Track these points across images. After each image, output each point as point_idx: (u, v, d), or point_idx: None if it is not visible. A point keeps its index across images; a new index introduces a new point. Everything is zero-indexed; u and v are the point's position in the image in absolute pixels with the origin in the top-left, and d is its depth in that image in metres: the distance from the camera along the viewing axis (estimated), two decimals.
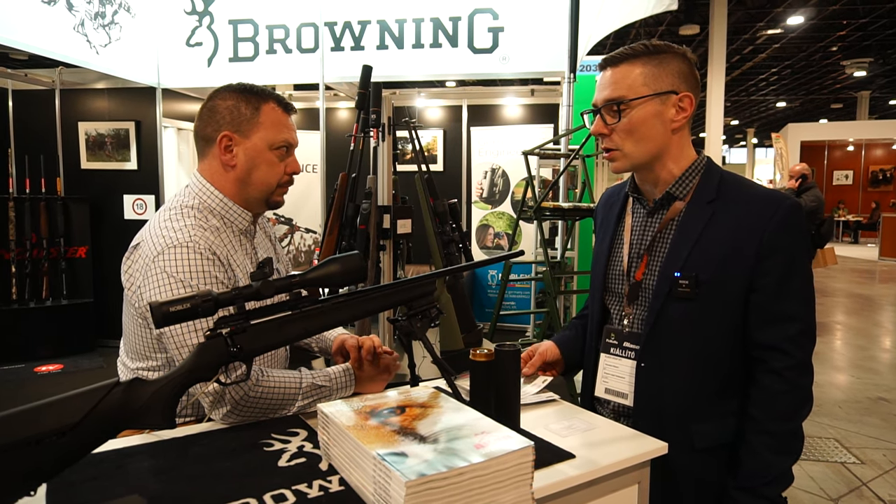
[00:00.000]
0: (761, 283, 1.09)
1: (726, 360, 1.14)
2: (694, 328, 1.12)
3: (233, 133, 1.26)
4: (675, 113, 1.14)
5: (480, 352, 1.11)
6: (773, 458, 1.08)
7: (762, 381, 1.10)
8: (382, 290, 1.11)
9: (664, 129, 1.14)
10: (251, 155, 1.26)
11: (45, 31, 3.77)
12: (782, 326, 1.09)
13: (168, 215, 1.24)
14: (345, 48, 4.50)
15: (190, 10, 4.63)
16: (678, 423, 1.12)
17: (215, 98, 1.29)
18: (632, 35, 12.21)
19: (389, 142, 2.65)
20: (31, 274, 4.84)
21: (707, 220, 1.12)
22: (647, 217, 1.22)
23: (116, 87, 5.02)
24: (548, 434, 1.06)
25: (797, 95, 19.55)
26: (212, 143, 1.27)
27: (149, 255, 1.19)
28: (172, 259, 1.16)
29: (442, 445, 0.81)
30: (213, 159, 1.28)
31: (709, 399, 1.14)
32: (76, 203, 4.98)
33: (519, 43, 4.24)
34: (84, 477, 0.90)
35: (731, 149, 32.52)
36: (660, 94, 1.12)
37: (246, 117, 1.26)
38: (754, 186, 1.17)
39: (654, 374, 1.16)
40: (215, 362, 0.95)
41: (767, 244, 1.08)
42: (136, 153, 5.03)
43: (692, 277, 1.10)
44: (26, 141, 5.06)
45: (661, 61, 1.13)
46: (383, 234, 2.56)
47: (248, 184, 1.28)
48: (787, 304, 1.09)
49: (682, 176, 1.17)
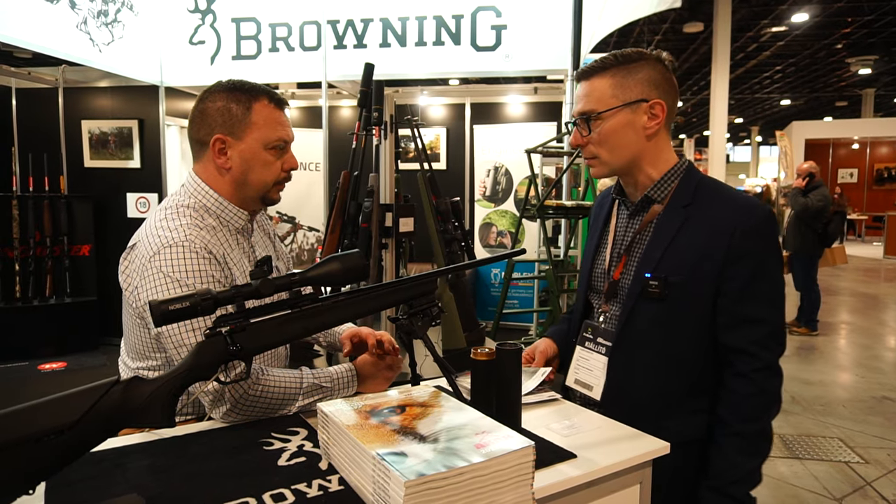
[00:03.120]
0: (728, 287, 1.12)
1: (695, 361, 1.16)
2: (663, 328, 1.16)
3: (225, 136, 1.23)
4: (647, 120, 1.16)
5: (482, 351, 1.10)
6: (740, 458, 1.11)
7: (730, 384, 1.14)
8: (383, 288, 1.10)
9: (637, 137, 1.17)
10: (246, 157, 1.24)
11: (48, 29, 3.77)
12: (749, 330, 1.12)
13: (164, 214, 1.23)
14: (347, 46, 4.49)
15: (193, 9, 4.63)
16: (646, 418, 1.11)
17: (205, 100, 1.26)
18: (635, 33, 12.18)
19: (392, 140, 2.64)
20: (35, 272, 4.86)
21: (681, 224, 1.16)
22: (629, 218, 1.26)
23: (119, 86, 5.02)
24: (549, 434, 1.06)
25: (801, 93, 19.48)
26: (205, 147, 1.25)
27: (145, 255, 1.18)
28: (169, 259, 1.15)
29: (442, 445, 0.80)
30: (207, 162, 1.26)
31: (677, 397, 1.17)
32: (79, 201, 4.99)
33: (522, 41, 4.23)
34: (83, 475, 0.90)
35: (735, 147, 32.42)
36: (629, 104, 1.15)
37: (238, 118, 1.23)
38: (729, 192, 1.19)
39: (623, 369, 1.19)
40: (215, 361, 0.95)
41: (735, 249, 1.11)
42: (139, 152, 5.04)
43: (662, 279, 1.14)
44: (30, 139, 5.08)
45: (629, 71, 1.15)
46: (385, 233, 2.56)
47: (244, 185, 1.26)
48: (754, 308, 1.12)
49: (660, 180, 1.20)
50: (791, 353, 5.30)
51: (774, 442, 3.45)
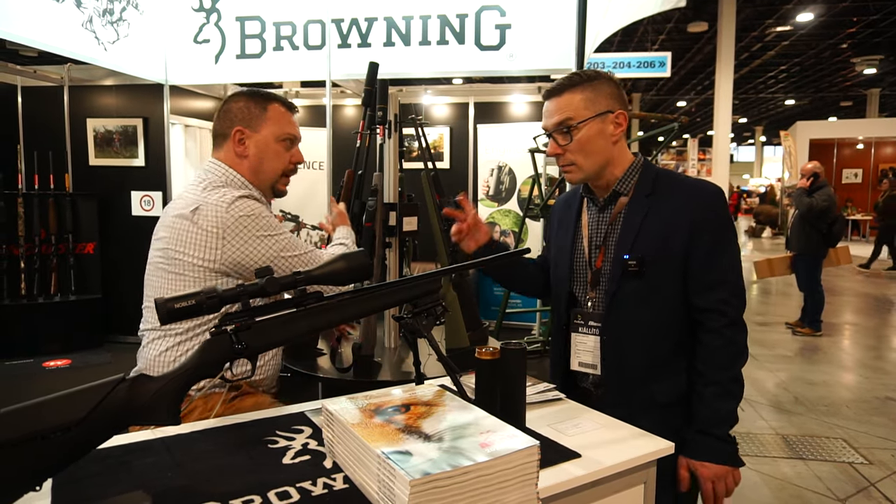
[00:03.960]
0: (694, 256, 1.29)
1: (674, 324, 1.33)
2: (644, 301, 1.32)
3: (244, 128, 1.44)
4: (613, 128, 1.34)
5: (486, 350, 1.10)
6: (718, 403, 1.27)
7: (703, 340, 1.30)
8: (388, 287, 1.10)
9: (606, 143, 1.34)
10: (261, 146, 1.44)
11: (54, 27, 3.78)
12: (714, 291, 1.29)
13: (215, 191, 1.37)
14: (351, 45, 4.49)
15: (197, 7, 4.63)
16: (641, 384, 1.32)
17: (229, 102, 1.47)
18: (639, 32, 12.16)
19: (396, 139, 2.64)
20: (40, 269, 4.87)
21: (646, 211, 1.33)
22: (599, 213, 1.42)
23: (124, 84, 5.03)
24: (553, 433, 1.06)
25: (806, 93, 19.42)
26: (226, 138, 1.44)
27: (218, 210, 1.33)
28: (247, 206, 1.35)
29: (447, 444, 0.80)
30: (228, 150, 1.45)
31: (664, 360, 1.33)
32: (84, 199, 5.00)
33: (526, 40, 4.22)
34: (89, 472, 0.90)
35: (739, 147, 32.33)
36: (599, 115, 1.32)
37: (255, 114, 1.44)
38: (684, 179, 1.39)
39: (614, 344, 1.35)
40: (220, 359, 0.95)
41: (696, 223, 1.29)
42: (143, 150, 5.04)
43: (638, 258, 1.30)
44: (35, 137, 5.09)
45: (595, 87, 1.32)
46: (389, 232, 2.56)
47: (259, 172, 1.45)
48: (717, 272, 1.29)
49: (623, 176, 1.37)
50: (795, 354, 5.29)
51: (778, 442, 3.42)
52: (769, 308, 7.02)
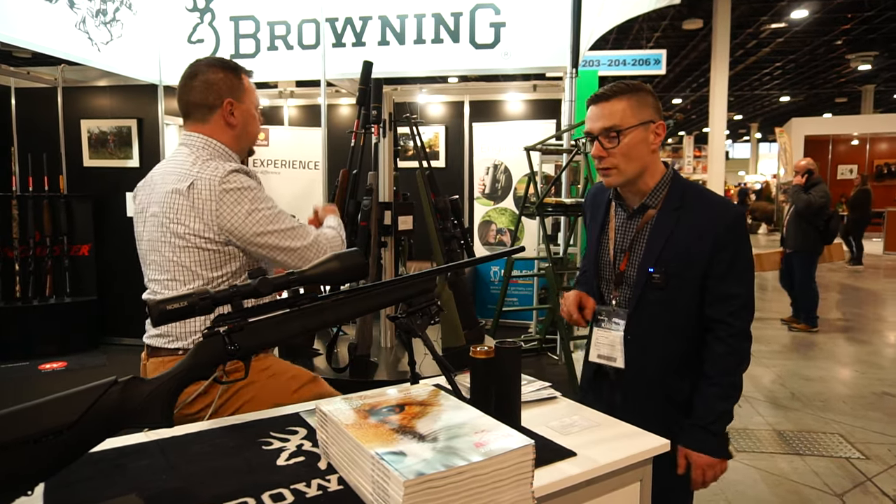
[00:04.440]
0: (713, 271, 1.38)
1: (690, 329, 1.44)
2: (666, 309, 1.43)
3: (233, 99, 1.52)
4: (653, 138, 1.41)
5: (481, 349, 1.10)
6: (717, 402, 1.40)
7: (711, 346, 1.41)
8: (382, 286, 1.10)
9: (647, 151, 1.41)
10: (246, 115, 1.55)
11: (47, 28, 3.76)
12: (726, 304, 1.39)
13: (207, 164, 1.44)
14: (346, 44, 4.48)
15: (191, 7, 4.62)
16: (659, 380, 1.44)
17: (205, 73, 1.50)
18: (634, 30, 12.17)
19: (390, 138, 2.64)
20: (35, 272, 4.85)
21: (674, 225, 1.41)
22: (627, 220, 1.50)
23: (118, 85, 5.00)
24: (548, 432, 1.06)
25: (801, 90, 19.45)
26: (215, 109, 1.51)
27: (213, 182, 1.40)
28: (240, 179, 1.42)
29: (441, 444, 0.80)
30: (216, 122, 1.52)
31: (678, 359, 1.44)
32: (79, 201, 4.98)
33: (521, 38, 4.22)
34: (81, 476, 0.90)
35: (735, 143, 32.38)
36: (643, 123, 1.39)
37: (237, 85, 1.53)
38: (711, 195, 1.46)
39: (636, 342, 1.46)
40: (213, 361, 0.95)
41: (719, 242, 1.37)
42: (138, 151, 5.02)
43: (663, 272, 1.40)
44: (29, 139, 5.07)
45: (640, 97, 1.40)
46: (384, 231, 2.56)
47: (241, 139, 1.57)
48: (732, 287, 1.38)
49: (655, 188, 1.45)
50: (791, 350, 5.30)
51: (775, 438, 3.43)
52: (765, 304, 7.03)
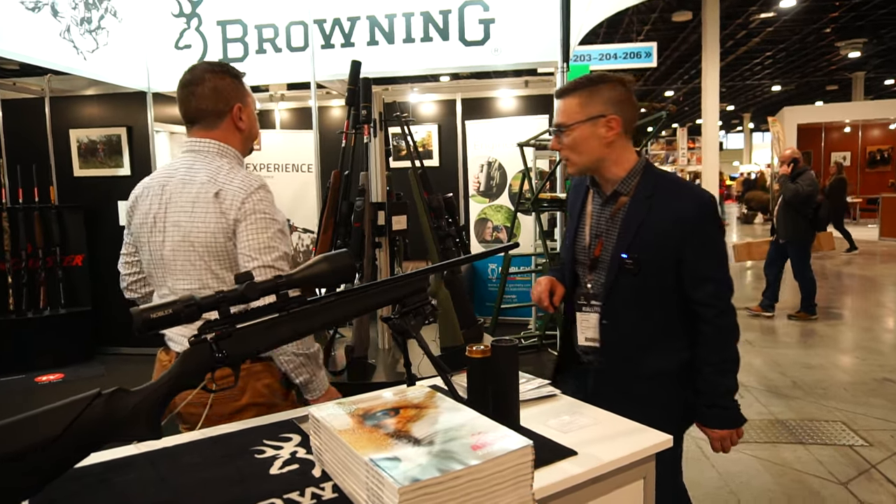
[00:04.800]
0: (687, 257, 1.44)
1: (663, 311, 1.49)
2: (638, 293, 1.48)
3: (241, 104, 1.58)
4: (605, 132, 1.45)
5: (477, 348, 1.07)
6: (717, 379, 1.47)
7: (701, 329, 1.47)
8: (374, 287, 1.07)
9: (598, 144, 1.46)
10: (251, 117, 1.62)
11: (31, 38, 3.72)
12: (705, 285, 1.45)
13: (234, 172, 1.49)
14: (335, 45, 4.45)
15: (177, 13, 4.57)
16: (630, 358, 1.50)
17: (212, 80, 1.54)
18: (624, 23, 12.16)
19: (381, 137, 2.61)
20: (28, 284, 4.81)
21: (646, 212, 1.45)
22: (601, 207, 1.55)
23: (106, 93, 4.96)
24: (548, 431, 1.03)
25: (792, 78, 19.49)
26: (224, 115, 1.56)
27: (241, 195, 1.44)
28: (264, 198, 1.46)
29: (437, 448, 0.78)
30: (227, 127, 1.57)
31: (652, 339, 1.51)
32: (70, 211, 4.94)
33: (511, 34, 4.19)
34: (66, 492, 0.87)
35: (728, 134, 32.43)
36: (591, 119, 1.45)
37: (242, 90, 1.60)
38: (682, 184, 1.53)
39: (612, 327, 1.53)
40: (200, 369, 0.92)
41: (690, 227, 1.42)
42: (129, 159, 4.99)
43: (636, 258, 1.45)
44: (17, 151, 5.02)
45: (592, 92, 1.45)
46: (378, 231, 2.53)
47: (249, 137, 1.64)
48: (707, 269, 1.45)
49: (625, 177, 1.49)
50: (791, 339, 5.29)
51: (777, 428, 3.41)
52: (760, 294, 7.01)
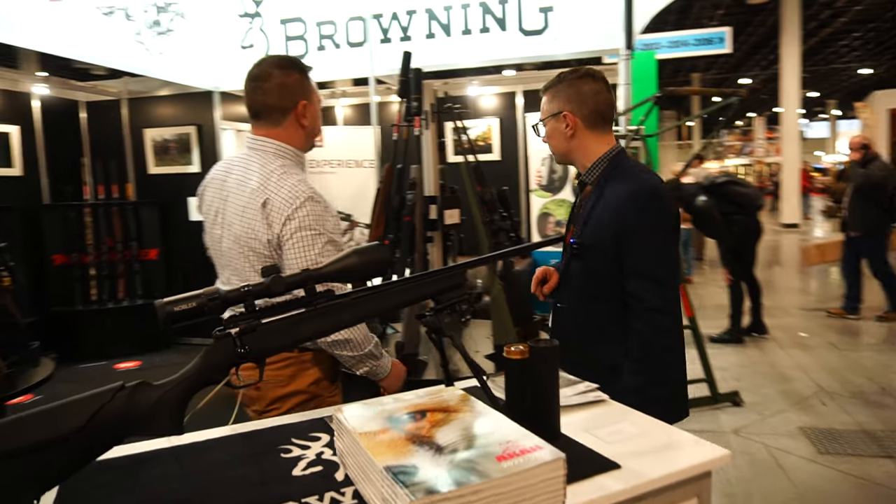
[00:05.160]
0: (624, 247, 1.44)
1: (609, 299, 1.49)
2: (587, 279, 1.52)
3: (305, 100, 1.55)
4: (564, 127, 1.54)
5: (515, 349, 1.00)
6: (630, 378, 1.42)
7: (630, 321, 1.46)
8: (407, 283, 1.03)
9: (562, 138, 1.56)
10: (315, 114, 1.59)
11: (106, 42, 3.90)
12: (636, 278, 1.44)
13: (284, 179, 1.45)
14: (393, 39, 4.44)
15: (242, 13, 4.70)
16: (580, 347, 1.50)
17: (279, 76, 1.51)
18: (696, 8, 11.62)
19: (434, 130, 2.57)
20: (108, 276, 5.09)
21: (596, 200, 1.51)
22: (577, 196, 1.64)
23: (177, 93, 5.16)
24: (591, 440, 0.95)
25: (882, 60, 18.08)
26: (288, 112, 1.52)
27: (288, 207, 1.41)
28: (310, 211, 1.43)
29: (460, 457, 0.72)
30: (290, 124, 1.54)
31: (599, 327, 1.52)
32: (146, 207, 5.18)
33: (571, 22, 4.04)
34: (92, 484, 0.87)
35: (811, 122, 30.52)
36: (553, 115, 1.56)
37: (308, 87, 1.56)
38: (634, 172, 1.52)
39: (564, 311, 1.59)
40: (224, 364, 0.90)
41: (624, 215, 1.44)
42: (198, 156, 5.17)
43: (580, 243, 1.51)
44: (98, 149, 5.31)
45: (556, 90, 1.56)
46: (430, 225, 2.49)
47: (311, 134, 1.61)
48: (638, 261, 1.44)
49: (590, 167, 1.55)
50: (878, 341, 4.88)
51: (862, 438, 3.13)
52: None
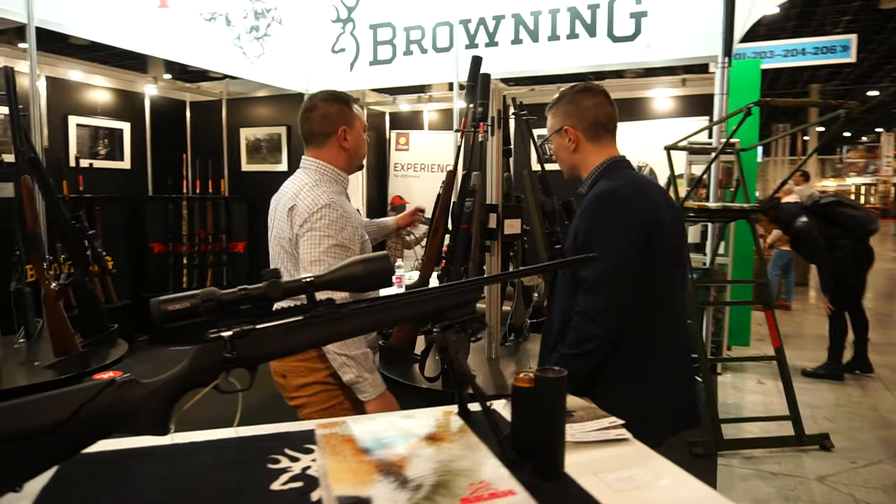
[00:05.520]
0: (579, 250, 1.49)
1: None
2: (564, 280, 1.58)
3: (346, 126, 1.76)
4: (567, 142, 1.59)
5: (524, 376, 0.92)
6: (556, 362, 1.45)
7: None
8: (413, 295, 0.97)
9: (567, 152, 1.62)
10: (357, 138, 1.79)
11: (207, 46, 4.14)
12: (580, 282, 1.48)
13: (312, 191, 1.66)
14: (479, 45, 4.41)
15: (335, 18, 4.84)
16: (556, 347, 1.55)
17: (323, 107, 1.76)
18: (818, 14, 10.76)
19: (499, 136, 2.49)
20: (199, 265, 5.40)
21: (578, 210, 1.57)
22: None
23: (271, 95, 5.40)
24: (595, 484, 0.85)
25: None
26: (331, 136, 1.75)
27: (307, 211, 1.62)
28: (325, 216, 1.62)
29: (422, 494, 0.65)
30: (332, 147, 1.76)
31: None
32: (236, 202, 5.45)
33: (665, 28, 3.84)
34: (85, 474, 0.87)
35: None
36: (556, 132, 1.62)
37: (348, 114, 1.78)
38: (609, 180, 1.53)
39: (551, 309, 1.66)
40: (213, 367, 0.88)
41: (581, 221, 1.52)
42: (286, 156, 5.38)
43: (561, 247, 1.60)
44: (198, 146, 5.66)
45: (557, 108, 1.62)
46: (489, 235, 2.41)
47: (353, 158, 1.81)
48: (584, 267, 1.47)
49: (586, 178, 1.60)
50: None
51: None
52: None
